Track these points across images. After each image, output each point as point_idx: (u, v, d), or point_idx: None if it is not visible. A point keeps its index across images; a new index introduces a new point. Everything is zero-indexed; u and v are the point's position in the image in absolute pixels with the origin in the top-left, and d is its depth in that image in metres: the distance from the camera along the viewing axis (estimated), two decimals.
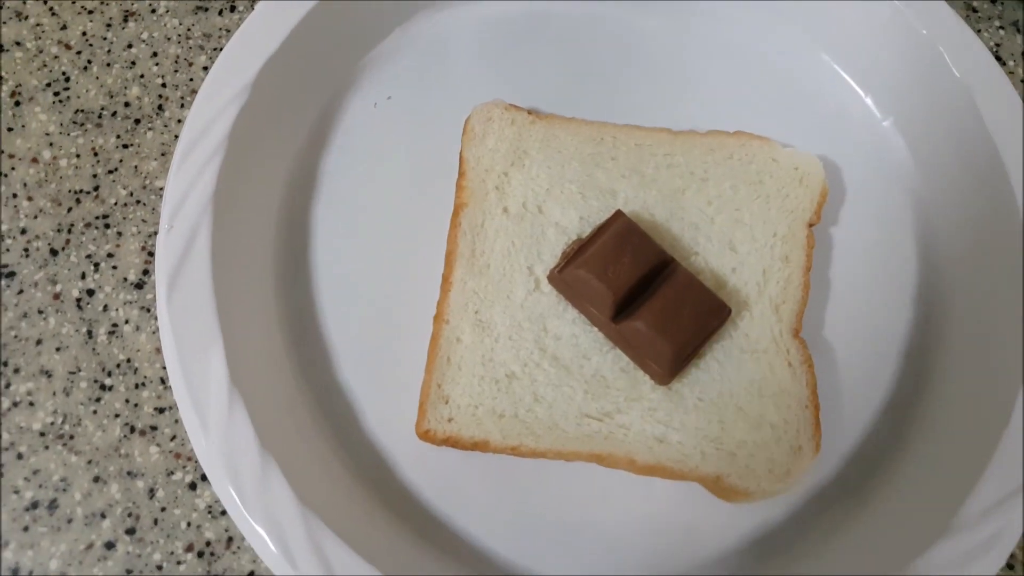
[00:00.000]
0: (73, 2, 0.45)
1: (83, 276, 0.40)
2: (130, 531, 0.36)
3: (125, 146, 0.42)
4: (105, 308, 0.39)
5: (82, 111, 0.43)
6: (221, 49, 0.39)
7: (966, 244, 0.40)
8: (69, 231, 0.40)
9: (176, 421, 0.38)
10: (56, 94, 0.43)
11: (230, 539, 0.36)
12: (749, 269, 0.38)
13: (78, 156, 0.42)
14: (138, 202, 0.41)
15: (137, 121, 0.43)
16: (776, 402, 0.36)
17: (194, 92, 0.42)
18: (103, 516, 0.36)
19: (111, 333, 0.39)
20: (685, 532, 0.36)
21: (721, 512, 0.36)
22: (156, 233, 0.40)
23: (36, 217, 0.40)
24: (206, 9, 0.45)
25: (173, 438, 0.37)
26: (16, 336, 0.38)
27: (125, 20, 0.45)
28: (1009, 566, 0.37)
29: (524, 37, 0.44)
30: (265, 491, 0.32)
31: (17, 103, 0.42)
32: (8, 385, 0.38)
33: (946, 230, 0.41)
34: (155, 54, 0.44)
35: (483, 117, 0.40)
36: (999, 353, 0.37)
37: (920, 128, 0.43)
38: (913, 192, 0.43)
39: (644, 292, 0.37)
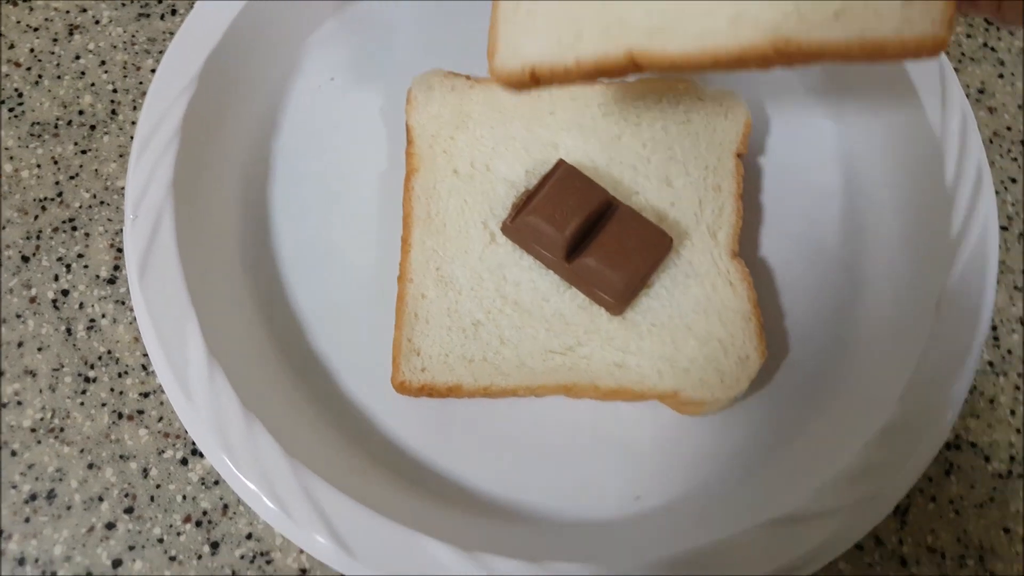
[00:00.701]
0: (18, 22, 0.46)
1: (56, 278, 0.41)
2: (128, 510, 0.37)
3: (83, 152, 0.43)
4: (81, 306, 0.40)
5: (38, 123, 0.44)
6: (165, 51, 0.40)
7: (885, 160, 0.43)
8: (38, 237, 0.41)
9: (161, 403, 0.39)
10: (11, 110, 0.44)
11: (225, 506, 0.37)
12: (686, 201, 0.40)
13: (39, 166, 0.43)
14: (102, 203, 0.42)
15: (92, 127, 0.44)
16: (721, 318, 0.38)
17: (144, 94, 0.43)
18: (101, 499, 0.37)
19: (89, 328, 0.40)
20: (652, 447, 0.38)
21: (684, 426, 0.38)
22: (122, 230, 0.41)
23: (4, 228, 0.41)
24: (148, 15, 0.46)
25: (160, 419, 0.38)
26: None
27: (71, 33, 0.46)
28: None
29: (458, 8, 0.46)
30: (253, 449, 0.34)
31: None
32: None
33: (866, 149, 0.44)
34: (103, 62, 0.45)
35: (424, 86, 0.42)
36: (922, 255, 0.40)
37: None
38: (832, 117, 0.45)
39: (592, 232, 0.38)
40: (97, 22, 0.46)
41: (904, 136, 0.42)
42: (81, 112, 0.44)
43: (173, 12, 0.46)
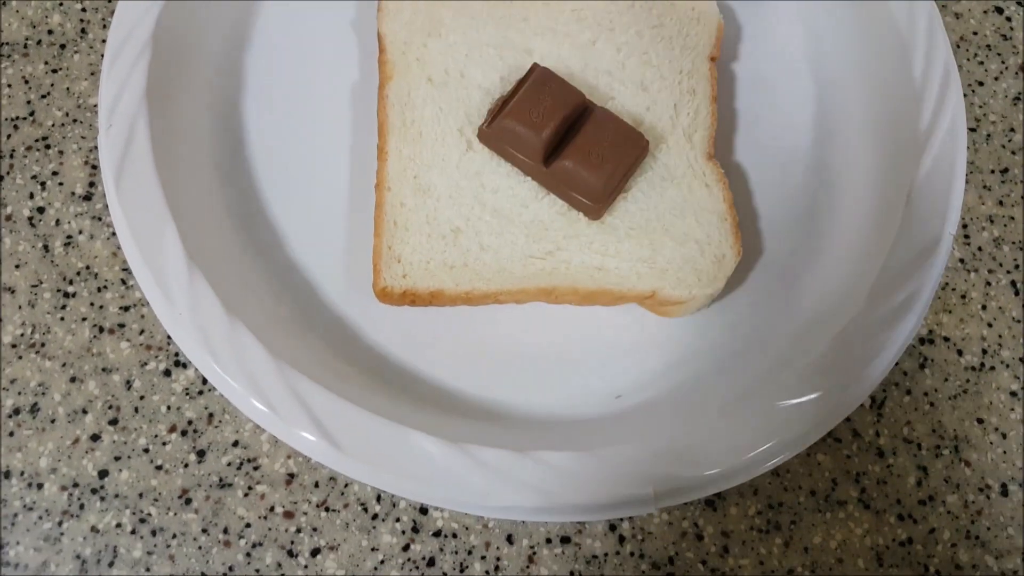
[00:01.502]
0: None
1: (31, 196, 0.40)
2: (113, 422, 0.37)
3: (54, 71, 0.42)
4: (57, 223, 0.40)
5: (7, 44, 0.42)
6: None
7: (854, 61, 0.43)
8: (11, 156, 0.40)
9: (143, 316, 0.38)
10: None
11: (211, 415, 0.37)
12: (661, 105, 0.40)
13: (9, 86, 0.42)
14: (75, 121, 0.41)
15: (63, 47, 0.43)
16: (698, 219, 0.38)
17: (113, 13, 0.42)
18: (84, 412, 0.37)
19: (67, 244, 0.39)
20: (631, 348, 0.38)
21: (662, 327, 0.38)
22: (96, 147, 0.40)
23: None
24: None
25: (142, 332, 0.38)
26: None
27: None
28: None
29: None
30: (237, 349, 0.33)
31: None
32: None
33: (835, 52, 0.43)
34: None
35: None
36: (892, 152, 0.40)
37: None
38: (802, 21, 0.45)
39: (568, 135, 0.38)
40: None
41: (872, 36, 0.42)
42: (51, 32, 0.43)
43: None
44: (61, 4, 0.43)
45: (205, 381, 0.37)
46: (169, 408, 0.37)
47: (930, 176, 0.38)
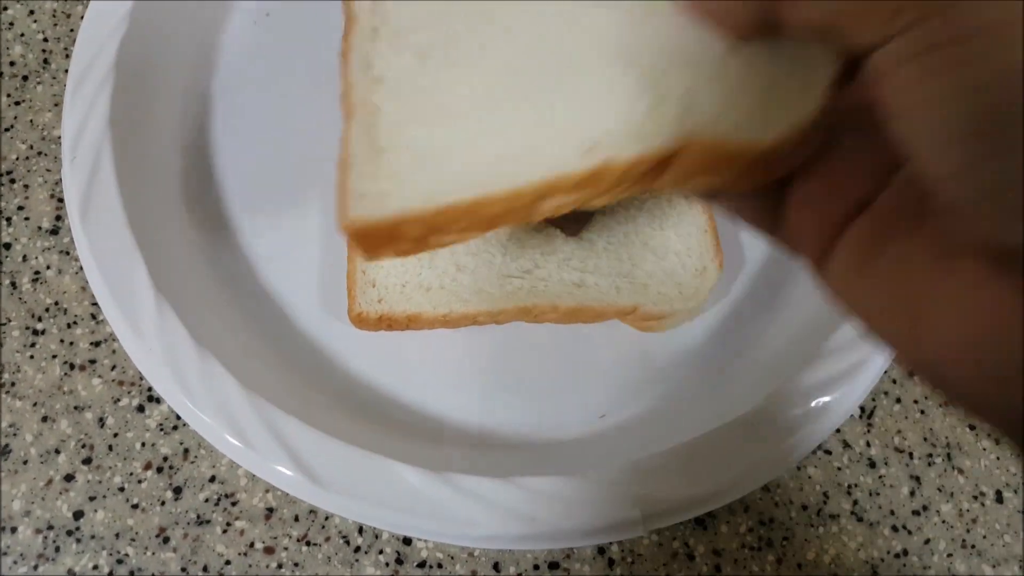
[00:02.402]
0: None
1: None
2: (86, 461, 0.35)
3: (17, 103, 0.41)
4: (24, 258, 0.38)
5: None
6: None
7: None
8: None
9: (114, 352, 0.37)
10: None
11: (186, 451, 0.36)
12: None
13: None
14: (39, 153, 0.40)
15: (25, 78, 0.41)
16: (677, 232, 0.37)
17: (75, 42, 0.41)
18: (57, 452, 0.35)
19: (35, 280, 0.38)
20: (614, 366, 0.37)
21: (645, 343, 0.37)
22: (61, 180, 0.39)
23: None
24: None
25: (113, 367, 0.37)
26: None
27: None
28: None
29: None
30: (209, 384, 0.32)
31: None
32: None
33: None
34: (32, 12, 0.43)
35: None
36: None
37: None
38: None
39: None
40: None
41: None
42: (12, 63, 0.42)
43: None
44: (22, 35, 0.42)
45: (179, 416, 0.36)
46: (144, 445, 0.36)
47: None
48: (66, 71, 0.41)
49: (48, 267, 0.38)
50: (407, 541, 0.35)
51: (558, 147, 0.28)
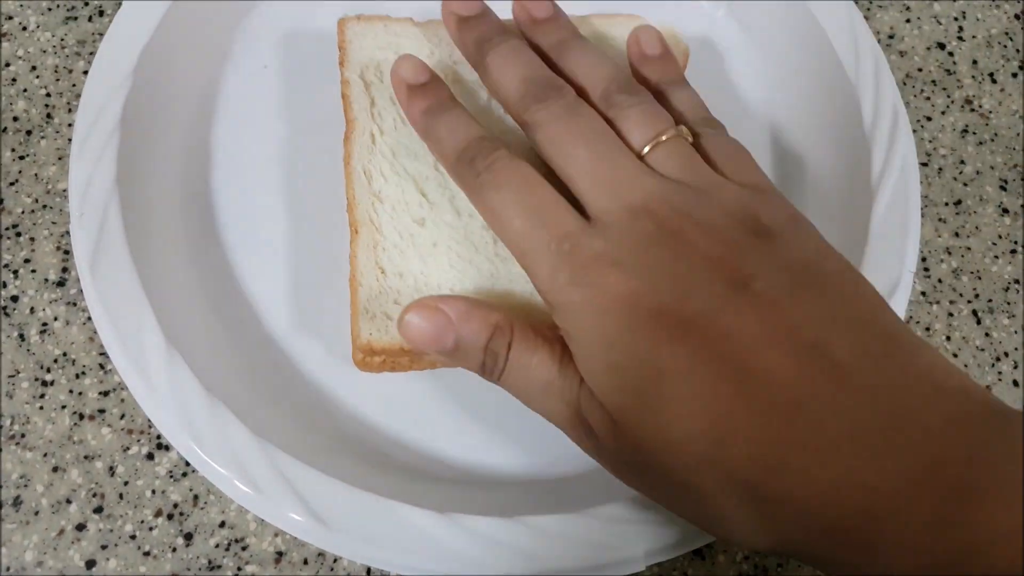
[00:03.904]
0: None
1: (4, 285, 0.39)
2: (97, 510, 0.35)
3: (21, 157, 0.41)
4: (32, 310, 0.38)
5: None
6: (96, 53, 0.38)
7: (805, 109, 0.43)
8: None
9: (122, 400, 0.37)
10: None
11: (196, 497, 0.36)
12: None
13: None
14: (44, 207, 0.40)
15: (29, 132, 0.42)
16: None
17: (79, 97, 0.41)
18: (68, 501, 0.36)
19: (42, 332, 0.38)
20: None
21: None
22: (68, 232, 0.39)
23: None
24: (75, 18, 0.44)
25: (122, 416, 0.37)
26: None
27: None
28: None
29: None
30: (220, 432, 0.32)
31: None
32: None
33: (786, 101, 0.44)
34: (34, 68, 0.43)
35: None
36: (847, 198, 0.40)
37: (748, 12, 0.45)
38: (753, 66, 0.45)
39: None
40: (24, 28, 0.44)
41: (822, 84, 0.42)
42: (16, 118, 0.42)
43: (101, 13, 0.45)
44: (25, 90, 0.42)
45: (188, 463, 0.36)
46: (154, 492, 0.36)
47: (886, 219, 0.38)
48: (69, 125, 0.42)
49: (56, 318, 0.38)
50: None
51: (531, 304, 0.34)
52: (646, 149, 0.31)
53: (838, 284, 0.28)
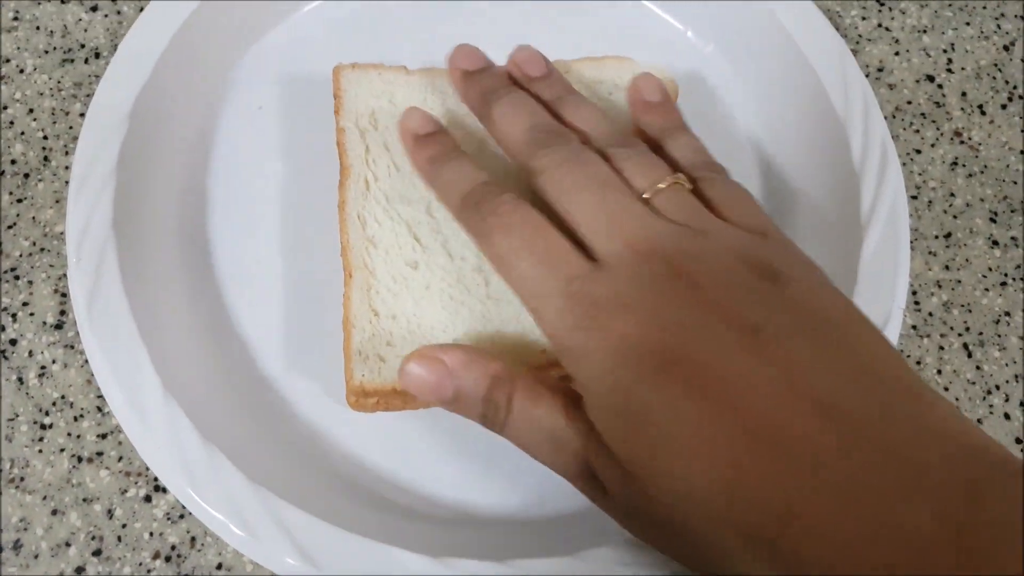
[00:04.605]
0: None
1: (3, 328, 0.39)
2: (96, 552, 0.36)
3: (19, 200, 0.42)
4: (30, 354, 0.39)
5: None
6: (93, 95, 0.39)
7: (794, 146, 0.44)
8: None
9: (120, 443, 0.38)
10: None
11: (193, 539, 0.36)
12: None
13: None
14: (42, 250, 0.41)
15: (26, 176, 0.42)
16: None
17: (75, 139, 0.42)
18: (68, 544, 0.36)
19: (41, 375, 0.39)
20: None
21: None
22: (65, 275, 0.40)
23: None
24: (72, 60, 0.45)
25: (120, 459, 0.37)
26: None
27: None
28: None
29: (373, 34, 0.46)
30: (216, 478, 0.33)
31: None
32: None
33: (775, 137, 0.44)
34: (31, 110, 0.44)
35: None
36: (837, 234, 0.40)
37: (737, 49, 0.46)
38: (742, 103, 0.46)
39: None
40: (21, 71, 0.45)
41: (811, 121, 0.43)
42: (13, 161, 0.43)
43: (97, 56, 0.45)
44: (23, 133, 0.43)
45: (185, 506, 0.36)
46: (152, 534, 0.36)
47: (876, 256, 0.38)
48: (66, 167, 0.42)
49: (54, 361, 0.39)
50: None
51: (521, 345, 0.35)
52: (645, 196, 0.32)
53: (848, 333, 0.28)
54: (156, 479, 0.37)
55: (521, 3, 0.47)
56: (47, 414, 0.38)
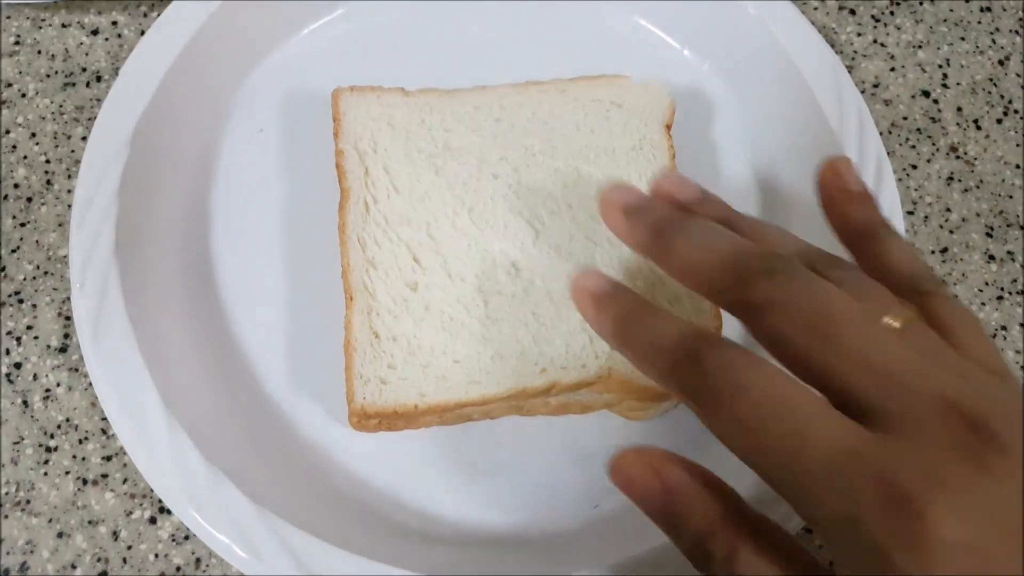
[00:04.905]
0: None
1: (8, 352, 0.40)
2: (102, 574, 0.36)
3: (23, 224, 0.42)
4: (35, 377, 0.40)
5: None
6: (95, 118, 0.40)
7: (791, 162, 0.44)
8: None
9: (125, 465, 0.38)
10: None
11: (198, 560, 0.37)
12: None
13: None
14: (46, 273, 0.41)
15: (29, 199, 0.43)
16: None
17: (78, 163, 0.43)
18: (74, 567, 0.36)
19: (46, 398, 0.39)
20: (605, 455, 0.38)
21: (633, 431, 0.39)
22: (69, 298, 0.41)
23: None
24: (74, 84, 0.46)
25: (125, 481, 0.38)
26: None
27: None
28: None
29: (372, 59, 0.46)
30: (220, 501, 0.33)
31: None
32: None
33: (772, 154, 0.45)
34: (33, 134, 0.44)
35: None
36: (835, 251, 0.41)
37: (733, 67, 0.47)
38: (738, 120, 0.46)
39: None
40: (23, 95, 0.45)
41: (806, 136, 0.43)
42: (16, 185, 0.43)
43: (98, 79, 0.46)
44: (25, 157, 0.44)
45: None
46: (157, 556, 0.37)
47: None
48: (69, 191, 0.43)
49: (58, 384, 0.39)
50: None
51: (520, 366, 0.35)
52: (895, 327, 0.26)
53: None
54: (161, 501, 0.37)
55: (518, 22, 0.48)
56: (52, 437, 0.39)
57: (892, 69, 0.50)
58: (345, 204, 0.39)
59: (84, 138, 0.44)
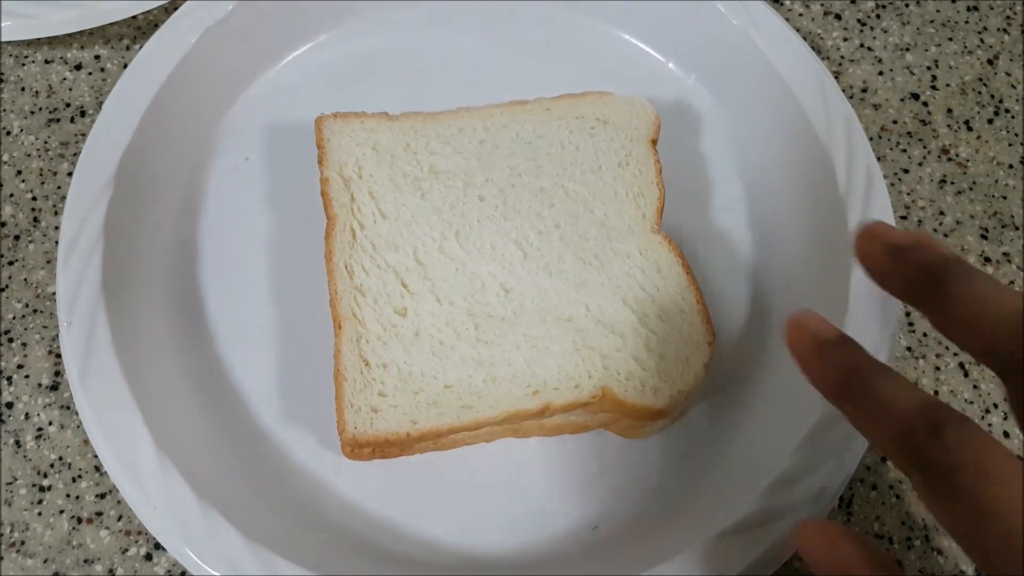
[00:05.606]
0: None
1: None
2: None
3: (11, 263, 0.43)
4: (27, 416, 0.40)
5: None
6: (80, 153, 0.40)
7: (780, 172, 0.44)
8: None
9: (119, 502, 0.38)
10: None
11: None
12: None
13: None
14: (35, 311, 0.42)
15: (16, 237, 0.43)
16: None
17: (63, 199, 0.43)
18: None
19: (38, 437, 0.39)
20: (602, 475, 0.39)
21: (630, 450, 0.39)
22: (58, 335, 0.41)
23: None
24: (58, 120, 0.46)
25: (120, 518, 0.38)
26: None
27: None
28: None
29: (358, 84, 0.47)
30: (213, 538, 0.33)
31: None
32: None
33: (761, 163, 0.45)
34: (19, 172, 0.44)
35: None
36: (826, 259, 0.41)
37: (718, 79, 0.47)
38: (725, 132, 0.46)
39: None
40: (8, 133, 0.45)
41: (795, 149, 0.43)
42: (3, 223, 0.43)
43: (83, 114, 0.46)
44: (11, 195, 0.44)
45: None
46: None
47: (866, 281, 0.38)
48: (56, 228, 0.43)
49: (50, 423, 0.40)
50: None
51: (513, 388, 0.35)
52: None
53: None
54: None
55: (500, 42, 0.48)
56: (45, 476, 0.39)
57: (880, 73, 0.50)
58: (332, 231, 0.39)
59: (70, 174, 0.44)
